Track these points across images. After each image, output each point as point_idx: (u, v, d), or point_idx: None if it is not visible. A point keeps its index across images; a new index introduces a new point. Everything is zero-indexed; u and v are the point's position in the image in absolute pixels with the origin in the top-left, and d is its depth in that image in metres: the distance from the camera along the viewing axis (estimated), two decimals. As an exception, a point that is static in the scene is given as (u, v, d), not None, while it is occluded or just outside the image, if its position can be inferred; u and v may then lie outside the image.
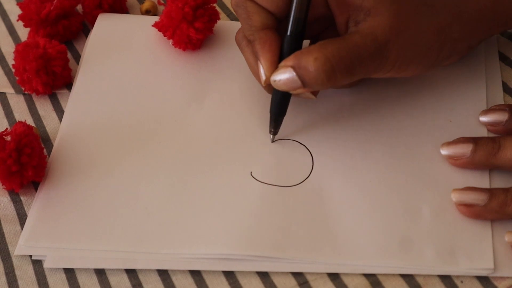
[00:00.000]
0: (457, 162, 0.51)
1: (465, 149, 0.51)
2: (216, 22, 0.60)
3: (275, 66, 0.50)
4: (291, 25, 0.50)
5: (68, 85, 0.60)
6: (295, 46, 0.50)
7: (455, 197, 0.49)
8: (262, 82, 0.51)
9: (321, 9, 0.51)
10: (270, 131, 0.54)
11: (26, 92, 0.60)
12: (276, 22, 0.52)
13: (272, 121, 0.53)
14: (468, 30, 0.52)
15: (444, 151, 0.52)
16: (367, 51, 0.48)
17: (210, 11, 0.59)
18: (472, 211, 0.49)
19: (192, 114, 0.56)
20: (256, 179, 0.52)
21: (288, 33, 0.50)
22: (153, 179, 0.52)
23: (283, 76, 0.49)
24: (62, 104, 0.59)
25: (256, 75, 0.52)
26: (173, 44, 0.60)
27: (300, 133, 0.55)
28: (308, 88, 0.49)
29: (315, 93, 0.52)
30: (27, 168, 0.51)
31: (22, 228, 0.51)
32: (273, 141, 0.54)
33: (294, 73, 0.48)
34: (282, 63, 0.49)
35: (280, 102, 0.52)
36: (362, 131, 0.54)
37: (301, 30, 0.50)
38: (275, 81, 0.49)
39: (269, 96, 0.53)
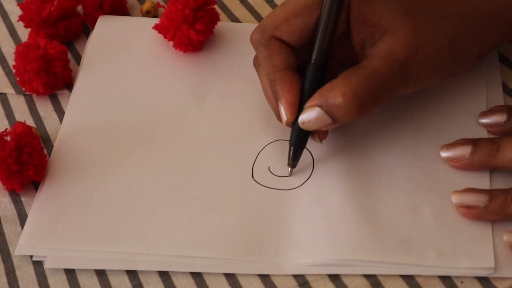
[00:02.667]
0: (456, 164, 0.51)
1: (464, 151, 0.51)
2: (217, 23, 0.60)
3: (295, 107, 0.49)
4: (315, 53, 0.50)
5: (69, 86, 0.60)
6: (319, 76, 0.50)
7: (455, 199, 0.49)
8: (284, 123, 0.50)
9: (340, 27, 0.51)
10: (289, 164, 0.52)
11: (26, 93, 0.60)
12: (297, 62, 0.51)
13: (292, 153, 0.52)
14: (481, 38, 0.52)
15: (443, 154, 0.52)
16: (390, 72, 0.48)
17: (211, 13, 0.59)
18: (472, 213, 0.49)
19: (193, 115, 0.56)
20: (257, 182, 0.52)
21: (312, 61, 0.50)
22: (153, 180, 0.52)
23: (312, 116, 0.48)
24: (63, 105, 0.59)
25: (272, 105, 0.52)
26: (173, 46, 0.60)
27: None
28: (339, 123, 0.49)
29: (322, 138, 0.52)
30: (27, 167, 0.51)
31: (22, 229, 0.51)
32: (291, 175, 0.53)
33: (322, 112, 0.48)
34: (308, 104, 0.49)
35: (301, 135, 0.51)
36: (362, 132, 0.54)
37: (325, 59, 0.50)
38: (304, 123, 0.49)
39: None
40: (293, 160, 0.52)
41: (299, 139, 0.51)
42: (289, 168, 0.52)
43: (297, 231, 0.49)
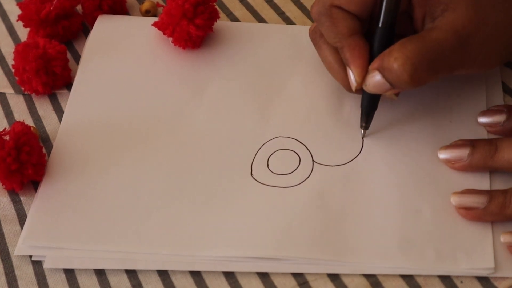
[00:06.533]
0: (455, 165, 0.51)
1: (462, 153, 0.51)
2: (216, 20, 0.60)
3: (366, 72, 0.50)
4: (383, 16, 0.50)
5: (68, 85, 0.60)
6: (387, 39, 0.50)
7: (454, 200, 0.49)
8: (353, 88, 0.51)
9: (403, 4, 0.51)
10: (361, 126, 0.53)
11: (26, 92, 0.60)
12: (362, 27, 0.51)
13: (363, 115, 0.53)
14: None
15: (441, 155, 0.52)
16: (449, 45, 0.48)
17: (210, 9, 0.59)
18: (472, 214, 0.49)
19: (192, 113, 0.56)
20: (256, 180, 0.52)
21: (380, 24, 0.50)
22: (153, 179, 0.52)
23: (371, 80, 0.49)
24: (62, 104, 0.59)
25: (337, 74, 0.52)
26: (172, 42, 0.60)
27: (299, 132, 0.55)
28: (397, 89, 0.49)
29: (396, 94, 0.52)
30: (26, 166, 0.51)
31: (22, 229, 0.51)
32: (363, 136, 0.53)
33: (380, 75, 0.48)
34: (370, 67, 0.49)
35: (371, 98, 0.52)
36: (362, 132, 0.54)
37: (393, 21, 0.50)
38: (366, 85, 0.50)
39: (267, 95, 0.54)
40: (366, 122, 0.53)
41: (370, 102, 0.52)
42: (362, 130, 0.53)
43: (296, 230, 0.49)
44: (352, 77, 0.50)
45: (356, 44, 0.50)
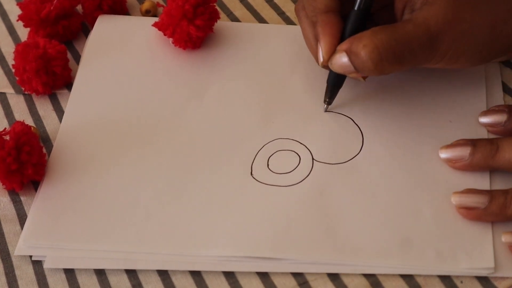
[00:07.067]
0: (455, 165, 0.51)
1: (463, 152, 0.51)
2: (216, 20, 0.60)
3: (333, 50, 0.51)
4: (359, 1, 0.51)
5: (68, 85, 0.60)
6: (360, 23, 0.51)
7: (455, 200, 0.49)
8: (319, 63, 0.52)
9: None
10: (325, 101, 0.54)
11: (26, 92, 0.60)
12: (340, 5, 0.52)
13: (328, 91, 0.54)
14: None
15: (442, 154, 0.52)
16: (418, 41, 0.49)
17: (210, 10, 0.59)
18: (472, 214, 0.49)
19: (192, 114, 0.56)
20: (256, 179, 0.52)
21: (356, 7, 0.51)
22: (153, 178, 0.52)
23: (338, 60, 0.50)
24: (62, 104, 0.59)
25: (311, 48, 0.53)
26: (173, 43, 0.60)
27: (300, 132, 0.55)
28: (361, 73, 0.50)
29: (364, 77, 0.53)
30: (27, 166, 0.51)
31: (22, 228, 0.51)
32: (326, 110, 0.55)
33: (347, 58, 0.49)
34: (338, 47, 0.50)
35: (337, 75, 0.53)
36: (362, 131, 0.54)
37: (368, 6, 0.51)
38: (331, 64, 0.51)
39: (267, 96, 0.54)
40: (329, 98, 0.54)
41: (336, 78, 0.53)
42: (325, 105, 0.55)
43: (296, 229, 0.49)
44: (320, 53, 0.51)
45: (329, 21, 0.51)
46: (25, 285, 0.49)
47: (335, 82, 0.54)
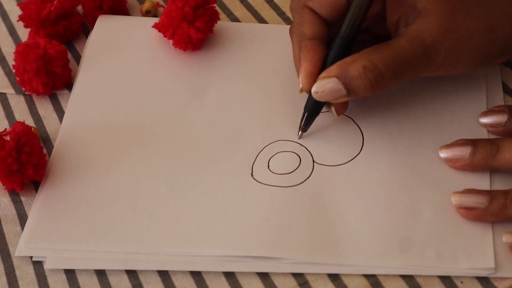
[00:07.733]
0: (455, 164, 0.51)
1: (463, 152, 0.51)
2: (216, 22, 0.60)
3: (312, 78, 0.50)
4: (345, 28, 0.51)
5: (69, 86, 0.60)
6: (344, 50, 0.50)
7: (455, 200, 0.49)
8: (299, 89, 0.51)
9: (377, 6, 0.52)
10: (300, 128, 0.54)
11: (26, 93, 0.60)
12: (326, 32, 0.52)
13: (305, 118, 0.53)
14: None
15: (442, 154, 0.52)
16: (414, 54, 0.49)
17: (210, 11, 0.59)
18: (472, 214, 0.49)
19: (192, 115, 0.56)
20: (257, 180, 0.52)
21: (341, 34, 0.51)
22: (153, 179, 0.52)
23: (327, 86, 0.49)
24: (63, 105, 0.59)
25: (296, 68, 0.53)
26: (173, 44, 0.60)
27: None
28: (352, 95, 0.50)
29: (339, 112, 0.53)
30: (27, 167, 0.51)
31: (22, 229, 0.51)
32: (300, 138, 0.54)
33: (339, 82, 0.49)
34: (324, 74, 0.50)
35: (316, 102, 0.52)
36: (362, 132, 0.54)
37: (354, 35, 0.51)
38: (317, 92, 0.50)
39: (268, 97, 0.54)
40: (305, 125, 0.54)
41: (314, 106, 0.53)
42: (299, 132, 0.54)
43: (297, 230, 0.49)
44: (300, 78, 0.51)
45: (312, 48, 0.51)
46: (25, 285, 0.49)
47: (313, 109, 0.53)
